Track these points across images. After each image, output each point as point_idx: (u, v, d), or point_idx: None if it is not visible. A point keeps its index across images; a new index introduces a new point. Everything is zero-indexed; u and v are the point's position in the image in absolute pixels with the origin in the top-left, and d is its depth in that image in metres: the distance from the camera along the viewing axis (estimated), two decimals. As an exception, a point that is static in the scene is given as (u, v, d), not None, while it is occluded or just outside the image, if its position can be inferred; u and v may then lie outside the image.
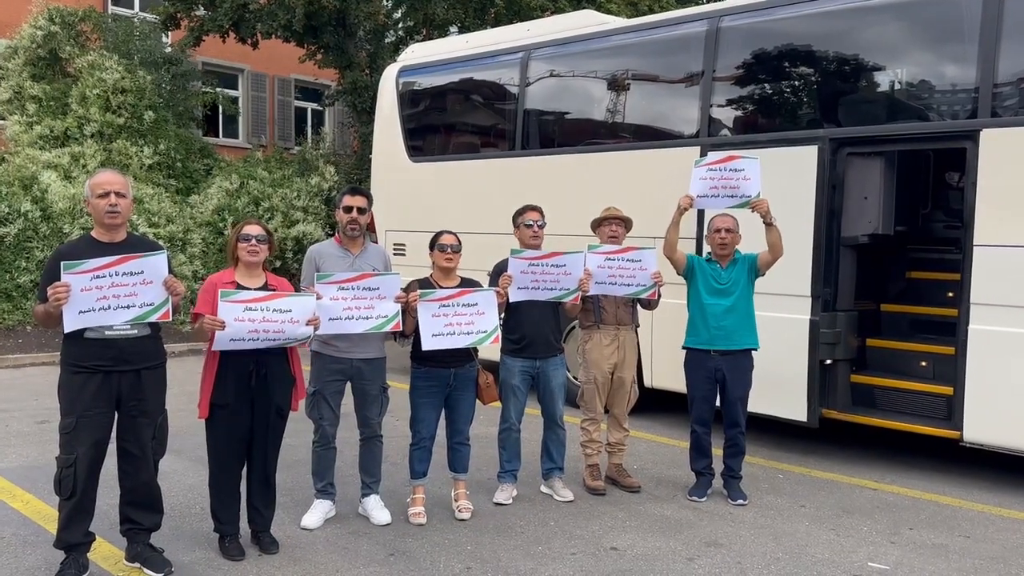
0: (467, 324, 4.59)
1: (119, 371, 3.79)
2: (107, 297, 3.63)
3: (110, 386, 3.79)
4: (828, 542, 4.69)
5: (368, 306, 4.45)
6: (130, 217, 4.05)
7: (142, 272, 3.69)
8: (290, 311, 4.08)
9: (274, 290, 4.19)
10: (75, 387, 3.76)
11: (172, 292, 3.78)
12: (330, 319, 4.37)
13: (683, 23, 7.41)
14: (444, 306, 4.54)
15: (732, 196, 5.21)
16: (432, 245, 4.86)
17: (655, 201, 6.83)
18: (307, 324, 4.15)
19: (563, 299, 5.11)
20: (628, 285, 5.25)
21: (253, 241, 4.18)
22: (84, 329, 3.69)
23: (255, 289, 4.14)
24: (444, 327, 4.54)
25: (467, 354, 4.83)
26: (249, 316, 3.97)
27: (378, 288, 4.47)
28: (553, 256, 4.99)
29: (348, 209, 4.67)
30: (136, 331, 3.81)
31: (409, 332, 4.67)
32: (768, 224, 5.13)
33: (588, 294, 5.19)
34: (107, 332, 3.74)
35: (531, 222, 5.19)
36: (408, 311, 4.56)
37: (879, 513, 5.19)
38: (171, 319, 3.83)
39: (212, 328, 3.94)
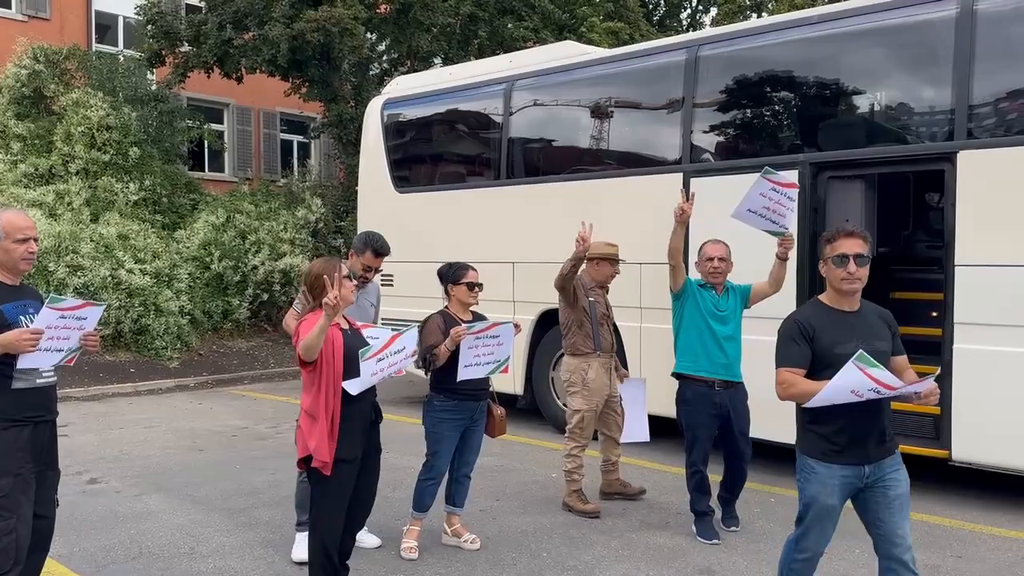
0: (488, 355, 4.69)
1: (45, 421, 3.54)
2: (52, 339, 3.37)
3: (37, 439, 3.50)
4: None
5: (391, 363, 4.15)
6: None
7: (86, 319, 3.49)
8: (404, 348, 4.00)
9: (354, 328, 4.05)
10: (8, 443, 3.39)
11: (88, 344, 3.54)
12: None
13: (663, 52, 7.52)
14: (478, 338, 4.63)
15: (775, 223, 4.96)
16: (456, 279, 4.80)
17: (639, 227, 6.89)
18: (412, 354, 4.08)
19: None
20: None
21: (353, 279, 4.02)
22: (11, 379, 3.40)
23: (352, 331, 3.98)
24: (473, 358, 4.64)
25: (486, 386, 4.88)
26: (381, 367, 3.89)
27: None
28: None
29: (367, 269, 4.80)
30: (55, 377, 3.58)
31: (440, 363, 4.66)
32: (784, 259, 5.09)
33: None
34: (38, 380, 3.47)
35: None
36: (446, 345, 4.58)
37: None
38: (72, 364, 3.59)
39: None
